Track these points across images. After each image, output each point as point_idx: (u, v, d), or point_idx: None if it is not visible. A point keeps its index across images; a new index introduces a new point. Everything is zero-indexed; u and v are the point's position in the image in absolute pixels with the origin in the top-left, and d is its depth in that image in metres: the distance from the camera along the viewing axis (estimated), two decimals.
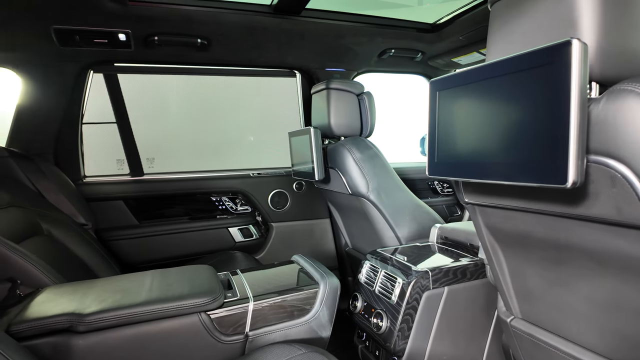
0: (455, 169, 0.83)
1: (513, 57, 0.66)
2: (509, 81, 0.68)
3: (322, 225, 2.20)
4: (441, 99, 0.86)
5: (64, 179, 1.72)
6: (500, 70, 0.70)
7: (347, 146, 1.60)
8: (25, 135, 1.69)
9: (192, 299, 0.93)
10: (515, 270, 0.96)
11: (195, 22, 1.52)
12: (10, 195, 1.42)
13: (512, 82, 0.67)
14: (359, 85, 1.71)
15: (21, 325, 0.83)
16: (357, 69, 2.13)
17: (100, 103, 1.89)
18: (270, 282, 1.10)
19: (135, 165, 1.96)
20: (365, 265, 1.42)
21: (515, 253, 0.93)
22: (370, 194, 1.56)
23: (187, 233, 1.95)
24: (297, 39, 1.74)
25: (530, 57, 0.63)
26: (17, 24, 1.35)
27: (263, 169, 2.13)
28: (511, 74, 0.68)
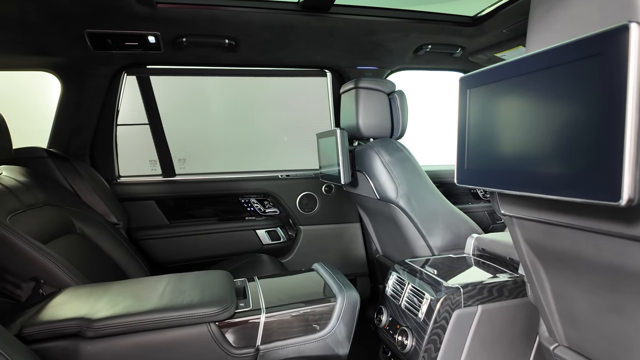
0: (487, 177, 0.73)
1: (556, 48, 0.56)
2: (551, 76, 0.57)
3: (352, 230, 2.12)
4: (472, 98, 0.76)
5: (99, 179, 1.77)
6: (541, 63, 0.59)
7: (375, 148, 1.52)
8: (63, 136, 1.76)
9: (202, 308, 0.89)
10: (559, 292, 0.83)
11: (221, 23, 1.50)
12: (47, 194, 1.47)
13: (555, 78, 0.57)
14: (389, 84, 1.62)
15: (33, 328, 0.83)
16: (391, 66, 2.03)
17: (131, 105, 1.93)
18: (285, 293, 1.04)
19: (167, 166, 1.99)
20: (391, 277, 1.32)
21: (559, 273, 0.80)
22: (399, 200, 1.46)
23: (215, 234, 1.95)
24: (326, 37, 1.68)
25: (577, 47, 0.52)
26: (54, 29, 1.39)
27: (292, 170, 2.08)
28: (554, 68, 0.57)
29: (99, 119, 1.80)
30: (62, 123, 1.75)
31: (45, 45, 1.50)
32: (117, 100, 1.83)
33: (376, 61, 1.96)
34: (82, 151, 1.79)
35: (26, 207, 1.29)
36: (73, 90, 1.72)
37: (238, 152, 2.55)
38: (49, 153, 1.64)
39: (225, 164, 2.54)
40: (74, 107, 1.74)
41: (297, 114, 2.67)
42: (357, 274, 2.14)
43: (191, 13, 1.43)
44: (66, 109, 1.74)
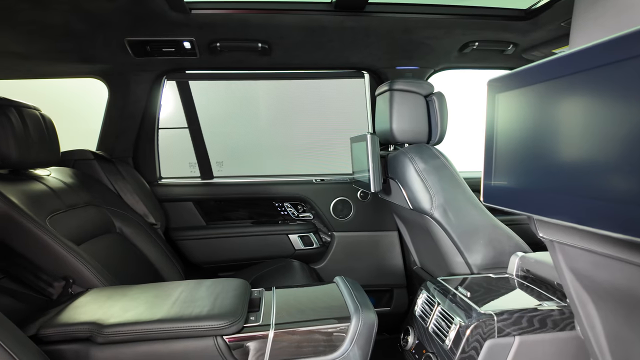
0: (518, 197, 0.62)
1: (608, 42, 0.44)
2: (603, 77, 0.46)
3: (389, 239, 2.02)
4: (501, 104, 0.65)
5: (140, 181, 1.85)
6: (589, 61, 0.48)
7: (409, 155, 1.42)
8: (109, 139, 1.86)
9: (210, 320, 0.87)
10: (613, 333, 0.70)
11: (253, 26, 1.48)
12: (90, 195, 1.55)
13: (607, 79, 0.45)
14: (427, 85, 1.50)
15: (49, 329, 0.86)
16: (433, 66, 1.90)
17: (171, 109, 1.99)
18: (299, 307, 0.99)
19: (205, 168, 2.03)
20: (421, 296, 1.22)
21: (612, 310, 0.67)
22: (434, 211, 1.35)
23: (249, 237, 1.95)
24: (362, 37, 1.60)
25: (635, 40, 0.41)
26: (98, 38, 1.46)
27: (326, 175, 2.03)
28: (606, 67, 0.46)
29: (142, 123, 1.87)
30: (108, 127, 1.85)
31: (92, 53, 1.58)
32: (158, 105, 1.89)
33: (417, 61, 1.84)
34: (126, 153, 1.88)
35: (67, 207, 1.36)
36: (118, 96, 1.81)
37: (274, 155, 2.55)
38: (95, 155, 1.73)
39: (260, 167, 2.55)
40: (119, 111, 1.83)
41: (339, 117, 2.62)
42: (393, 285, 2.03)
43: (223, 18, 1.43)
44: (112, 114, 1.83)
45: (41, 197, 1.27)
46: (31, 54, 1.51)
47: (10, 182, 1.22)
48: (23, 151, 1.23)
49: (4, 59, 1.53)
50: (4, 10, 1.18)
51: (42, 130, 1.35)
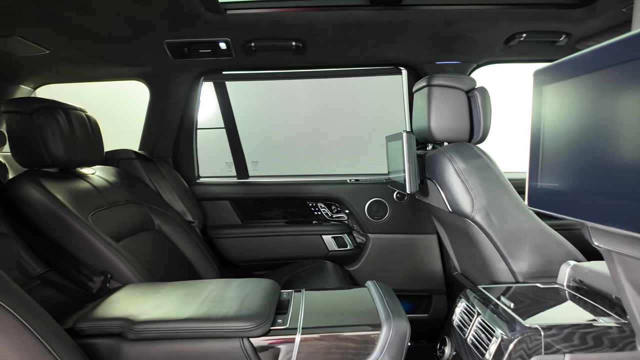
0: (568, 201, 0.55)
1: None
2: None
3: (428, 242, 1.94)
4: (549, 97, 0.58)
5: (179, 180, 1.90)
6: None
7: (448, 154, 1.34)
8: (151, 140, 1.92)
9: (236, 321, 0.86)
10: None
11: (287, 25, 1.47)
12: (131, 193, 1.61)
13: None
14: (468, 80, 1.42)
15: (84, 323, 0.88)
16: (476, 60, 1.79)
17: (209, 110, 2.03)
18: (328, 312, 0.96)
19: (241, 168, 2.06)
20: (460, 304, 1.15)
21: None
22: (475, 215, 1.27)
23: (283, 237, 1.95)
24: (399, 32, 1.54)
25: None
26: (138, 41, 1.51)
27: (361, 175, 1.98)
28: None
29: (181, 123, 1.92)
30: (150, 127, 1.92)
31: (133, 56, 1.64)
32: (196, 105, 1.93)
33: (458, 55, 1.75)
34: (166, 153, 1.94)
35: (109, 204, 1.42)
36: (158, 97, 1.87)
37: (308, 155, 2.54)
38: (137, 155, 1.80)
39: (295, 166, 2.55)
40: (159, 112, 1.89)
41: (375, 115, 2.56)
42: (432, 291, 1.95)
43: (258, 17, 1.43)
44: (153, 114, 1.90)
45: (85, 195, 1.33)
46: (79, 58, 1.59)
47: (58, 180, 1.28)
48: (70, 151, 1.30)
49: (54, 64, 1.63)
50: (53, 17, 1.24)
51: (88, 131, 1.42)
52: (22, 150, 1.26)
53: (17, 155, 1.27)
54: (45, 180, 1.21)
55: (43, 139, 1.24)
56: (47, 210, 1.16)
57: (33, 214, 1.16)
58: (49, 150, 1.25)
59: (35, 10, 1.17)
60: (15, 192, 1.17)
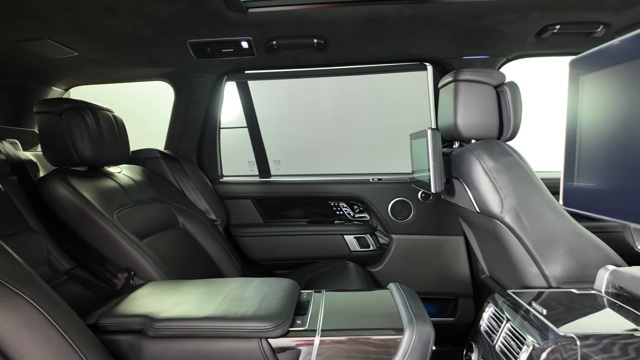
0: (608, 201, 0.51)
1: None
2: None
3: (454, 244, 1.87)
4: (587, 88, 0.54)
5: (203, 179, 1.92)
6: None
7: (476, 152, 1.28)
8: (175, 139, 1.96)
9: (254, 321, 0.85)
10: None
11: (309, 22, 1.45)
12: (156, 191, 1.63)
13: None
14: (497, 75, 1.35)
15: (107, 319, 0.90)
16: (506, 54, 1.72)
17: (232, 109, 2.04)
18: (348, 314, 0.93)
19: (263, 167, 2.06)
20: (488, 309, 1.09)
21: None
22: (505, 215, 1.21)
23: (304, 236, 1.94)
24: (424, 26, 1.49)
25: None
26: (162, 42, 1.53)
27: (384, 174, 1.94)
28: None
29: (204, 123, 1.94)
30: (174, 127, 1.95)
31: (158, 57, 1.66)
32: (220, 105, 1.95)
33: (487, 49, 1.68)
34: (190, 152, 1.97)
35: (134, 202, 1.44)
36: (183, 97, 1.89)
37: (330, 154, 2.51)
38: (162, 154, 1.83)
39: (316, 166, 2.53)
40: (183, 112, 1.91)
41: (400, 112, 2.50)
42: (458, 294, 1.89)
43: (279, 15, 1.42)
44: (177, 114, 1.93)
45: (111, 193, 1.36)
46: (107, 60, 1.63)
47: (85, 178, 1.31)
48: (97, 150, 1.33)
49: (84, 66, 1.68)
50: (81, 21, 1.28)
51: (114, 131, 1.45)
52: (51, 149, 1.30)
53: (47, 154, 1.32)
54: (73, 179, 1.25)
55: (71, 138, 1.27)
56: (74, 208, 1.19)
57: (61, 212, 1.19)
58: (77, 149, 1.28)
59: (64, 13, 1.21)
60: (44, 190, 1.20)
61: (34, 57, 1.51)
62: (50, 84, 1.85)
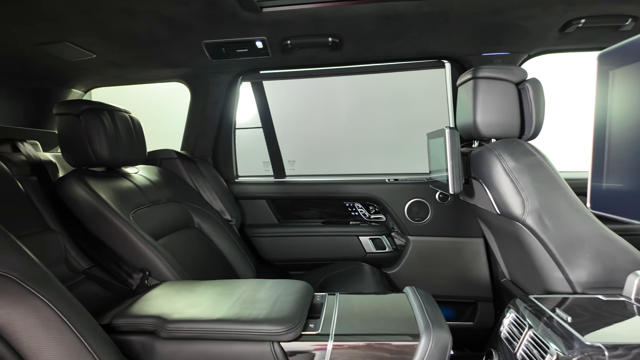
0: None
1: None
2: None
3: (473, 246, 1.82)
4: (617, 83, 0.50)
5: (218, 179, 1.93)
6: None
7: (496, 151, 1.23)
8: (191, 140, 1.97)
9: (266, 325, 0.83)
10: None
11: (323, 20, 1.43)
12: (172, 191, 1.65)
13: None
14: (518, 72, 1.30)
15: (121, 319, 0.90)
16: (527, 50, 1.66)
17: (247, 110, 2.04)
18: (363, 318, 0.91)
19: (278, 167, 2.05)
20: (508, 315, 1.05)
21: None
22: (527, 218, 1.16)
23: (319, 237, 1.92)
24: (442, 22, 1.45)
25: None
26: (178, 43, 1.54)
27: (400, 174, 1.90)
28: None
29: (220, 123, 1.95)
30: (190, 128, 1.96)
31: (174, 58, 1.68)
32: (235, 105, 1.95)
33: (507, 45, 1.63)
34: (206, 153, 1.98)
35: (150, 202, 1.46)
36: (198, 98, 1.90)
37: (346, 153, 2.48)
38: (178, 154, 1.84)
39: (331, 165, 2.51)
40: (199, 113, 1.92)
41: (417, 111, 2.46)
42: (478, 297, 1.83)
43: (293, 14, 1.41)
44: (193, 115, 1.94)
45: (127, 193, 1.37)
46: (124, 61, 1.65)
47: (102, 179, 1.33)
48: (114, 150, 1.34)
49: (102, 68, 1.70)
50: (98, 23, 1.29)
51: (131, 131, 1.46)
52: (70, 150, 1.32)
53: (66, 155, 1.34)
54: (90, 179, 1.26)
55: (89, 139, 1.29)
56: (91, 208, 1.20)
57: (78, 211, 1.21)
58: (95, 150, 1.30)
59: (82, 15, 1.22)
60: (62, 190, 1.22)
61: (54, 60, 1.55)
62: (70, 86, 1.89)
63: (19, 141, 1.36)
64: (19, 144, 1.35)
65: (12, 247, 0.76)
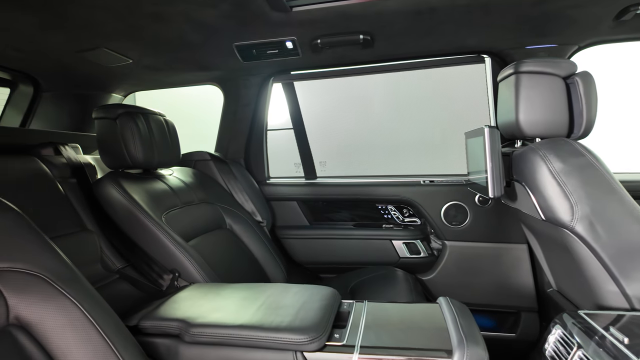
0: None
1: None
2: None
3: (516, 252, 1.71)
4: None
5: (250, 180, 1.93)
6: None
7: (541, 152, 1.14)
8: (224, 142, 1.99)
9: (289, 333, 0.80)
10: None
11: (354, 18, 1.39)
12: (205, 193, 1.66)
13: None
14: (567, 65, 1.19)
15: (147, 321, 0.91)
16: (577, 41, 1.52)
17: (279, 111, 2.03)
18: (391, 330, 0.86)
19: (309, 168, 2.03)
20: (554, 331, 0.96)
21: None
22: (576, 225, 1.05)
23: (350, 240, 1.88)
24: (480, 14, 1.36)
25: None
26: (210, 46, 1.55)
27: (436, 175, 1.82)
28: None
29: (252, 125, 1.95)
30: (223, 130, 1.98)
31: (207, 61, 1.69)
32: (266, 107, 1.95)
33: (554, 37, 1.50)
34: (238, 154, 1.99)
35: (183, 204, 1.48)
36: (231, 100, 1.92)
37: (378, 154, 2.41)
38: (212, 156, 1.87)
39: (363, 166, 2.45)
40: (231, 115, 1.94)
41: (454, 110, 2.35)
42: (520, 307, 1.72)
43: (323, 12, 1.38)
44: (226, 117, 1.96)
45: (160, 195, 1.39)
46: (159, 65, 1.69)
47: (137, 180, 1.36)
48: (148, 153, 1.37)
49: (138, 72, 1.75)
50: (132, 28, 1.32)
51: (165, 134, 1.49)
52: (107, 153, 1.37)
53: (103, 157, 1.38)
54: (125, 181, 1.29)
55: (124, 142, 1.33)
56: (124, 209, 1.23)
57: (113, 212, 1.24)
58: (130, 153, 1.33)
59: (116, 22, 1.25)
60: (98, 192, 1.26)
61: (94, 66, 1.61)
62: (110, 90, 1.96)
63: (61, 144, 1.42)
64: (61, 147, 1.41)
65: (45, 247, 0.78)
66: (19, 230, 0.75)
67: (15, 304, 0.68)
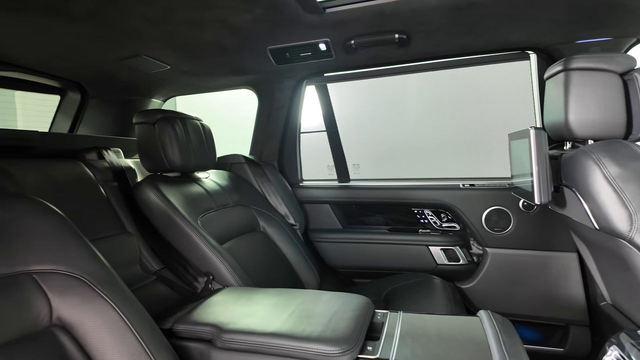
0: None
1: None
2: None
3: (564, 261, 1.59)
4: None
5: (283, 183, 1.93)
6: None
7: (594, 155, 1.04)
8: (259, 145, 2.00)
9: (320, 343, 0.78)
10: None
11: (388, 16, 1.35)
12: (240, 195, 1.68)
13: None
14: (624, 60, 1.09)
15: (181, 325, 0.92)
16: (637, 33, 1.39)
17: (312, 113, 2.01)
18: (427, 344, 0.81)
19: (342, 171, 2.00)
20: (610, 352, 0.87)
21: None
22: (635, 235, 0.96)
23: (385, 245, 1.83)
24: (523, 8, 1.28)
25: None
26: (244, 50, 1.57)
27: (477, 179, 1.73)
28: None
29: (285, 128, 1.95)
30: (258, 133, 2.00)
31: (241, 65, 1.71)
32: (300, 110, 1.94)
33: (608, 29, 1.38)
34: (272, 157, 2.00)
35: (218, 207, 1.50)
36: (265, 103, 1.93)
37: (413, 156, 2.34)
38: (246, 159, 1.88)
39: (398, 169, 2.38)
40: (265, 118, 1.95)
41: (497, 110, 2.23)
42: (569, 321, 1.60)
43: (357, 12, 1.35)
44: (260, 121, 1.97)
45: (197, 198, 1.42)
46: (195, 71, 1.72)
47: (174, 184, 1.39)
48: (185, 157, 1.40)
49: (176, 78, 1.80)
50: (169, 35, 1.36)
51: (202, 138, 1.52)
52: (146, 157, 1.41)
53: (143, 161, 1.43)
54: (162, 185, 1.33)
55: (163, 146, 1.36)
56: (161, 212, 1.26)
57: (150, 215, 1.28)
58: (168, 156, 1.37)
59: (153, 29, 1.29)
60: (137, 195, 1.30)
61: (134, 73, 1.67)
62: (150, 96, 2.03)
63: (104, 149, 1.48)
64: (104, 152, 1.47)
65: (85, 250, 0.80)
66: (62, 233, 0.78)
67: (58, 305, 0.70)
